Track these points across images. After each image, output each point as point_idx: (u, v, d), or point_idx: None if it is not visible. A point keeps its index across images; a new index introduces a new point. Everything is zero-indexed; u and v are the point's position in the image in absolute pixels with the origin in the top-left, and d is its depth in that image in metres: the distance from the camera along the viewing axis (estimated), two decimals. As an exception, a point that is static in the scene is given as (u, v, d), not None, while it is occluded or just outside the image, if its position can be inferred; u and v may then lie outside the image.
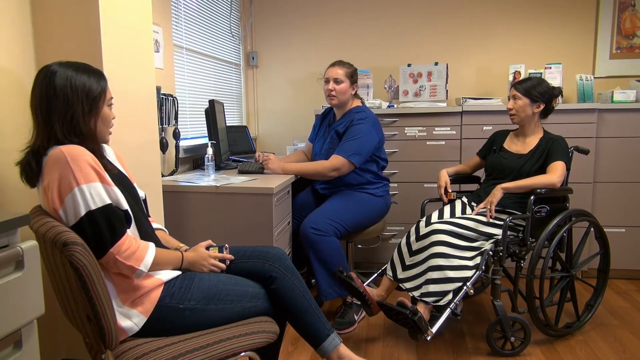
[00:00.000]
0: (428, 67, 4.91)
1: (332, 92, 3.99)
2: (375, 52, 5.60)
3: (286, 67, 5.84)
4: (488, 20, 5.40)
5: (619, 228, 4.70)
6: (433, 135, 4.77)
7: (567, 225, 3.49)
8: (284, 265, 2.50)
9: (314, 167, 3.89)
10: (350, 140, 3.85)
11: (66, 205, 1.94)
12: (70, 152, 1.93)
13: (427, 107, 4.78)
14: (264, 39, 5.85)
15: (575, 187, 3.93)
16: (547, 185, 3.34)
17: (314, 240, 3.64)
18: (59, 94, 2.00)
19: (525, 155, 3.62)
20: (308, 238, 3.65)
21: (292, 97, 5.86)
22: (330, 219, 3.73)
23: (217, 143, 4.04)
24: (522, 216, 3.40)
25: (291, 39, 5.78)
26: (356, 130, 3.88)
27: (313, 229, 3.65)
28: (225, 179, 3.59)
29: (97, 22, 2.49)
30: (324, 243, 3.65)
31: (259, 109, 5.97)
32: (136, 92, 2.80)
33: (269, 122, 5.95)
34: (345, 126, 3.97)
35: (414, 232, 3.54)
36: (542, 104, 3.57)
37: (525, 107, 3.60)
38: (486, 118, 4.67)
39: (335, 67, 4.01)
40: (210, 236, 3.02)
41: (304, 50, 5.77)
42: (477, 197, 3.76)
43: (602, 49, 5.25)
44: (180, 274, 2.26)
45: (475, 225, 3.40)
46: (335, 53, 5.64)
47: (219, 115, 4.21)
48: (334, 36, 5.69)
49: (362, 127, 3.89)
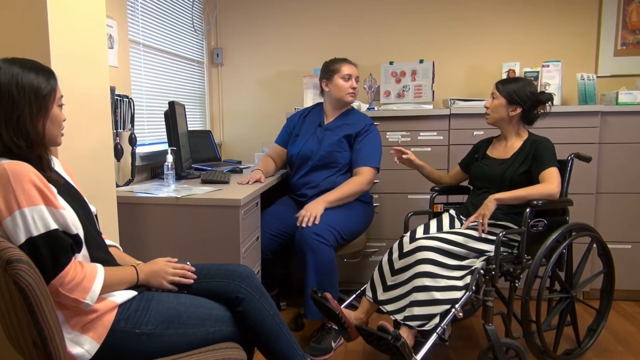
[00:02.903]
0: (412, 65, 4.96)
1: (355, 90, 4.33)
2: (353, 48, 5.63)
3: (255, 66, 5.86)
4: (479, 14, 5.46)
5: (625, 244, 4.74)
6: (418, 140, 4.80)
7: (566, 241, 3.51)
8: (251, 285, 2.51)
9: (353, 188, 4.13)
10: (373, 148, 4.24)
11: (6, 229, 1.93)
12: (13, 170, 1.91)
13: (411, 109, 4.81)
14: (230, 34, 5.87)
15: (575, 198, 3.91)
16: (544, 196, 3.35)
17: (315, 246, 3.74)
18: (4, 93, 1.99)
19: (507, 161, 3.66)
20: (309, 244, 3.74)
21: (262, 98, 5.89)
22: (330, 225, 3.89)
23: (177, 149, 4.05)
24: (516, 231, 3.42)
25: (260, 34, 5.80)
26: (374, 137, 4.29)
27: (315, 234, 3.76)
28: (186, 189, 3.61)
29: (44, 14, 2.47)
30: (324, 252, 3.77)
31: (224, 112, 5.98)
32: (87, 92, 2.79)
33: (235, 126, 5.98)
34: (357, 130, 4.28)
35: (396, 249, 3.55)
36: (519, 107, 3.63)
37: (499, 108, 3.67)
38: (477, 122, 4.69)
39: (351, 64, 4.34)
40: (170, 253, 3.00)
41: (275, 46, 5.79)
42: (465, 209, 3.79)
43: (606, 45, 5.29)
44: (136, 294, 2.27)
45: (465, 240, 3.40)
46: (310, 50, 5.70)
47: (179, 118, 4.23)
48: (308, 31, 5.73)
49: (376, 132, 4.34)
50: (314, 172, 4.32)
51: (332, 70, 4.28)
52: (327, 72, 4.32)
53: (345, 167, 4.29)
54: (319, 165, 4.30)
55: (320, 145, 4.29)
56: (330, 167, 4.28)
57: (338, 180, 4.21)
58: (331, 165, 4.27)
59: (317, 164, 4.29)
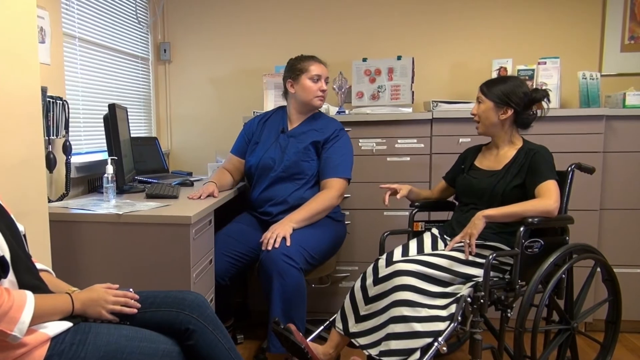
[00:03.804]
0: (389, 61, 4.98)
1: (325, 93, 4.37)
2: (321, 43, 5.70)
3: (207, 63, 5.93)
4: (466, 3, 5.53)
5: (633, 268, 4.78)
6: (395, 149, 4.84)
7: (566, 265, 3.53)
8: (204, 316, 2.54)
9: (322, 203, 4.16)
10: (342, 156, 4.29)
11: None
12: None
13: (388, 113, 4.87)
14: (180, 26, 5.91)
15: (576, 215, 3.78)
16: (541, 212, 3.37)
17: (283, 270, 3.76)
18: None
19: (498, 172, 3.71)
20: (277, 267, 3.76)
21: (216, 100, 5.94)
22: (301, 246, 3.92)
23: (119, 159, 4.04)
24: (509, 252, 3.43)
25: (214, 27, 5.85)
26: (344, 144, 4.35)
27: (285, 255, 3.78)
28: (129, 205, 3.61)
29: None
30: (293, 277, 3.78)
31: (172, 116, 6.02)
32: (14, 93, 2.78)
33: (185, 132, 6.01)
34: (325, 137, 4.31)
35: (371, 274, 3.57)
36: (509, 109, 3.66)
37: (488, 113, 3.71)
38: (463, 127, 4.70)
39: (321, 63, 4.38)
40: (111, 278, 2.88)
41: (231, 41, 5.84)
42: (450, 228, 3.84)
43: (611, 40, 5.35)
44: (71, 326, 2.26)
45: (450, 264, 3.42)
46: (271, 45, 5.75)
47: (121, 123, 4.22)
48: (269, 23, 5.77)
49: (347, 138, 4.40)
50: (277, 185, 4.33)
51: (298, 69, 4.30)
52: (292, 71, 4.33)
53: (312, 179, 4.33)
54: (282, 177, 4.31)
55: (284, 154, 4.32)
56: (296, 179, 4.30)
57: (306, 195, 4.24)
58: (297, 176, 4.30)
59: (281, 175, 4.31)
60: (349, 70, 5.15)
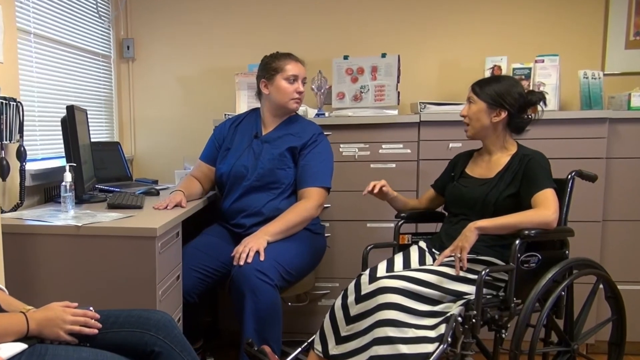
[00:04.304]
0: (372, 59, 4.98)
1: (302, 96, 4.35)
2: (299, 39, 5.71)
3: (175, 61, 5.97)
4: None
5: (639, 285, 4.78)
6: (379, 155, 4.85)
7: (566, 281, 3.53)
8: (170, 336, 2.55)
9: (300, 215, 4.14)
10: (322, 163, 4.28)
11: None
12: None
13: (371, 115, 4.89)
14: (145, 21, 5.93)
15: (577, 227, 3.72)
16: (538, 224, 3.36)
17: (257, 287, 3.73)
18: None
19: (490, 180, 3.72)
20: (250, 284, 3.73)
21: (184, 102, 5.99)
22: (276, 260, 3.89)
23: (78, 166, 3.98)
24: (503, 268, 3.43)
25: (182, 22, 5.87)
26: (323, 149, 4.34)
27: (259, 271, 3.75)
28: (89, 216, 3.59)
29: None
30: (267, 294, 3.75)
31: (136, 119, 6.06)
32: None
33: (150, 136, 6.03)
34: (303, 142, 4.30)
35: (352, 291, 3.54)
36: (503, 110, 3.66)
37: (479, 114, 3.71)
38: (453, 131, 4.68)
39: (298, 62, 4.35)
40: (69, 296, 2.83)
41: (201, 37, 5.85)
42: (438, 241, 3.84)
43: (615, 36, 5.35)
44: (26, 348, 2.26)
45: (439, 280, 3.40)
46: (244, 41, 5.78)
47: (81, 127, 4.21)
48: (242, 18, 5.79)
49: (326, 143, 4.39)
50: (250, 194, 4.32)
51: (273, 68, 4.27)
52: (266, 70, 4.30)
53: (289, 188, 4.32)
54: (256, 187, 4.30)
55: (258, 161, 4.31)
56: (271, 189, 4.29)
57: (282, 206, 4.23)
58: (272, 186, 4.29)
59: (255, 184, 4.29)
60: (329, 69, 5.12)
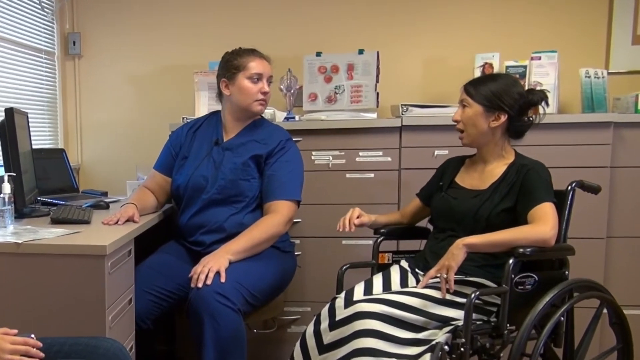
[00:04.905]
0: (348, 56, 5.00)
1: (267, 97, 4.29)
2: (265, 34, 5.62)
3: (127, 58, 5.95)
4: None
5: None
6: (356, 163, 4.85)
7: (565, 305, 3.47)
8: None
9: (266, 231, 4.04)
10: (290, 173, 4.20)
11: None
12: None
13: (347, 119, 4.89)
14: (93, 14, 5.94)
15: (578, 244, 3.84)
16: (535, 241, 3.31)
17: (217, 311, 3.65)
18: None
19: (483, 192, 3.64)
20: (209, 308, 3.65)
21: (136, 104, 5.97)
22: (238, 282, 3.79)
23: (18, 176, 4.01)
24: (495, 290, 3.39)
25: (135, 15, 5.88)
26: (292, 157, 4.27)
27: (219, 294, 3.66)
28: (30, 232, 3.54)
29: None
30: (229, 320, 3.67)
31: (83, 123, 6.05)
32: None
33: (99, 143, 6.05)
34: (269, 150, 4.22)
35: (326, 317, 3.49)
36: (502, 114, 3.59)
37: (476, 119, 3.62)
38: (440, 137, 4.69)
39: (263, 59, 4.28)
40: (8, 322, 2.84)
41: (156, 31, 5.86)
42: (422, 260, 3.76)
43: (621, 29, 5.35)
44: None
45: (423, 304, 3.35)
46: (205, 37, 5.74)
47: (21, 132, 4.20)
48: (202, 11, 5.81)
49: (295, 151, 4.32)
50: (210, 208, 4.25)
51: (234, 66, 4.22)
52: (227, 68, 4.27)
53: (254, 202, 4.25)
54: (217, 200, 4.24)
55: (218, 171, 4.23)
56: (234, 202, 4.22)
57: (246, 221, 4.15)
58: (234, 199, 4.22)
59: (215, 197, 4.23)
60: (299, 67, 5.15)
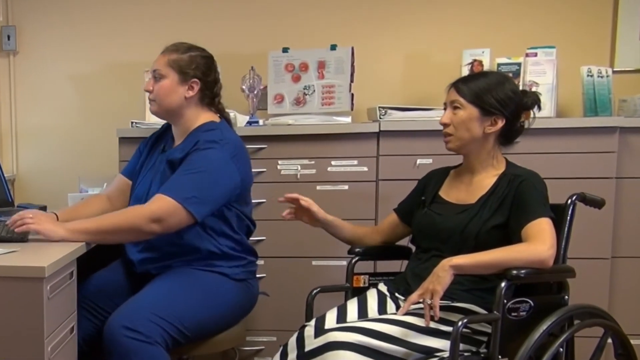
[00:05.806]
0: (319, 53, 5.02)
1: (150, 96, 4.12)
2: (225, 27, 5.76)
3: (69, 55, 5.98)
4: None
5: (657, 339, 4.81)
6: (328, 174, 4.87)
7: (565, 335, 3.41)
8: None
9: (122, 217, 3.83)
10: (186, 174, 3.85)
11: None
12: None
13: (318, 123, 4.94)
14: (29, 5, 5.98)
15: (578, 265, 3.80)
16: (530, 262, 3.24)
17: (128, 348, 3.56)
18: None
19: (471, 207, 3.61)
20: (119, 346, 3.57)
21: (80, 106, 6.01)
22: (155, 314, 3.66)
23: None
24: (485, 317, 3.35)
25: (78, 7, 5.91)
26: (199, 159, 3.88)
27: (127, 329, 3.56)
28: None
29: None
30: (147, 355, 3.58)
31: (18, 129, 6.09)
32: None
33: (37, 150, 6.07)
34: (185, 152, 3.98)
35: (294, 347, 3.46)
36: (500, 118, 3.55)
37: (470, 123, 3.57)
38: (422, 143, 4.70)
39: (162, 54, 4.11)
40: None
41: (101, 25, 5.89)
42: (403, 283, 3.73)
43: (627, 24, 5.35)
44: None
45: (404, 333, 3.28)
46: (157, 32, 5.65)
47: None
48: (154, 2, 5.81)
49: (211, 155, 3.90)
50: None
51: None
52: None
53: None
54: None
55: (152, 182, 4.16)
56: None
57: (182, 241, 3.99)
58: None
59: None
60: (263, 64, 5.15)
